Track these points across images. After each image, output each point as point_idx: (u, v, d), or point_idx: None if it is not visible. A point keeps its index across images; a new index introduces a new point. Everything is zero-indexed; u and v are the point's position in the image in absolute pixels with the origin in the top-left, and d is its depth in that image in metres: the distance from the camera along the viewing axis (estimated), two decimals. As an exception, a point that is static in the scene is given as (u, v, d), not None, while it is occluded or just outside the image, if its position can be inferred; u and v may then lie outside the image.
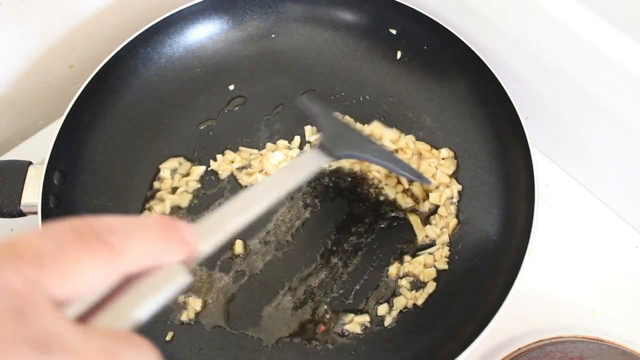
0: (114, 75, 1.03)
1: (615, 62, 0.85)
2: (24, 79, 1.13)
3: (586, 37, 0.86)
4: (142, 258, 0.39)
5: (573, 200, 1.03)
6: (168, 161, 1.00)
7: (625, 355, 0.87)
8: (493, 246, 0.90)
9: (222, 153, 1.01)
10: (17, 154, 1.13)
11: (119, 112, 1.04)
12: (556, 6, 0.88)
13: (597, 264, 0.98)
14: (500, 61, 1.00)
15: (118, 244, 0.37)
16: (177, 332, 0.88)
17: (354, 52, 1.09)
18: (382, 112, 1.04)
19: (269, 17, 1.11)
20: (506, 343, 0.91)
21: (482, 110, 0.99)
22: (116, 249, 0.37)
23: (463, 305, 0.87)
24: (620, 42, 0.84)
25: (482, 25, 1.00)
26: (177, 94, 1.07)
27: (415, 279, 0.90)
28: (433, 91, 1.04)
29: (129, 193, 0.98)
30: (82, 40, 1.16)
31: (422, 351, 0.85)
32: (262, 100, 1.06)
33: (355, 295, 0.90)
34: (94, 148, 1.00)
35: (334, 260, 0.91)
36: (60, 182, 0.94)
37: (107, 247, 0.37)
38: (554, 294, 0.95)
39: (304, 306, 0.89)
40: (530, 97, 1.00)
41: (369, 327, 0.87)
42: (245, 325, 0.88)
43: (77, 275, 0.35)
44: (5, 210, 0.90)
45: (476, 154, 0.98)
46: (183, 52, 1.09)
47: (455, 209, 0.94)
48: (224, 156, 1.00)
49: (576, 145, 1.01)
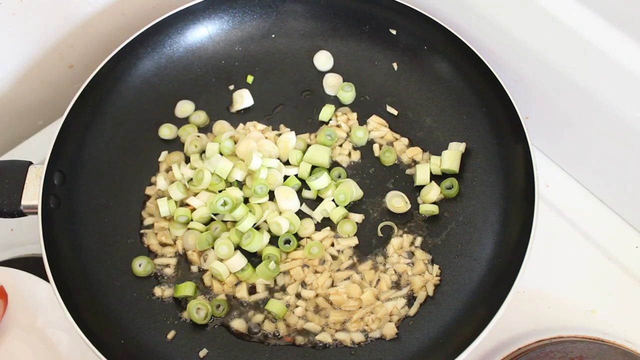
0: (114, 75, 1.03)
1: (615, 62, 0.85)
2: (24, 79, 1.13)
3: (586, 37, 0.86)
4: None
5: (573, 200, 1.03)
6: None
7: (625, 355, 0.87)
8: (493, 246, 0.90)
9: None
10: (17, 154, 1.14)
11: (119, 112, 1.04)
12: (556, 6, 0.89)
13: (597, 264, 0.98)
14: (500, 61, 1.00)
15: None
16: (178, 332, 0.88)
17: (354, 52, 1.09)
18: (382, 112, 1.04)
19: (269, 17, 1.11)
20: (506, 343, 0.91)
21: (482, 110, 0.99)
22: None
23: (463, 305, 0.87)
24: (620, 42, 0.84)
25: (482, 25, 1.00)
26: (177, 94, 1.07)
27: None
28: (433, 91, 1.04)
29: (129, 193, 0.99)
30: (82, 40, 1.16)
31: (422, 351, 0.85)
32: (263, 100, 1.06)
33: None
34: (94, 148, 1.00)
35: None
36: (60, 182, 0.94)
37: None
38: (554, 294, 0.95)
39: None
40: (530, 97, 1.00)
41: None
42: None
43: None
44: (5, 210, 0.90)
45: (476, 154, 0.98)
46: (183, 52, 1.09)
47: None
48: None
49: (576, 145, 1.01)
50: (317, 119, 1.04)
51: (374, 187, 0.98)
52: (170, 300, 0.91)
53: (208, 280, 0.91)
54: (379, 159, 1.00)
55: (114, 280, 0.91)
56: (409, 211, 0.95)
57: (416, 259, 0.91)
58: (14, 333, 0.91)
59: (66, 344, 0.91)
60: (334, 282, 0.91)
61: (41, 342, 0.91)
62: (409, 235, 0.93)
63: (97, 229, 0.95)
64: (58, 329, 0.91)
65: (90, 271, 0.91)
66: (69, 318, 0.81)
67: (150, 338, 0.87)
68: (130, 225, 0.96)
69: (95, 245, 0.93)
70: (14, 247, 1.03)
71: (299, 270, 0.91)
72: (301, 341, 0.87)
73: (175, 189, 0.95)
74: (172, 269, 0.93)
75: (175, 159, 1.01)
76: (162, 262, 0.93)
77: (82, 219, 0.94)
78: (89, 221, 0.95)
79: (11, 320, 0.91)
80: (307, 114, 1.05)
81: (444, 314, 0.87)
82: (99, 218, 0.96)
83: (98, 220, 0.95)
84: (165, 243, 0.95)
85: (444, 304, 0.88)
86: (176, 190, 0.95)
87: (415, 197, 0.96)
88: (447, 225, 0.94)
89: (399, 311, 0.88)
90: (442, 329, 0.86)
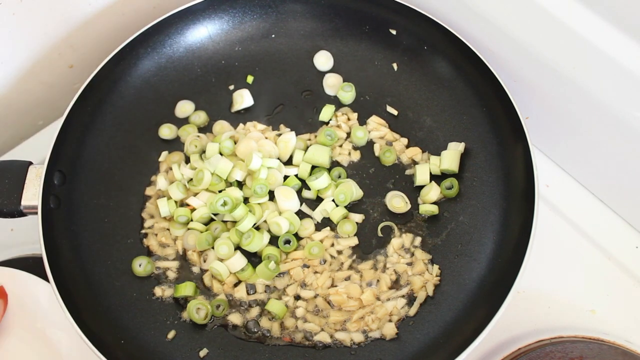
0: (114, 75, 1.03)
1: (615, 62, 0.85)
2: (24, 79, 1.13)
3: (586, 37, 0.86)
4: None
5: (573, 200, 1.03)
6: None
7: (625, 355, 0.87)
8: (493, 246, 0.90)
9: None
10: (17, 154, 1.14)
11: (119, 112, 1.04)
12: (556, 6, 0.89)
13: (597, 264, 0.98)
14: (500, 61, 1.00)
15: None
16: (178, 331, 0.88)
17: (354, 52, 1.09)
18: (382, 112, 1.04)
19: (269, 17, 1.11)
20: (506, 343, 0.91)
21: (482, 110, 0.99)
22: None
23: (463, 305, 0.87)
24: (621, 42, 0.84)
25: (482, 25, 1.00)
26: (177, 94, 1.07)
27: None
28: (433, 91, 1.04)
29: (129, 193, 0.99)
30: (82, 40, 1.16)
31: (422, 351, 0.85)
32: (263, 100, 1.06)
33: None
34: (94, 148, 1.00)
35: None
36: (60, 182, 0.94)
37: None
38: (554, 294, 0.95)
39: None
40: (530, 97, 1.00)
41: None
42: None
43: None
44: (5, 210, 0.90)
45: (476, 154, 0.98)
46: (183, 52, 1.09)
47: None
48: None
49: (576, 145, 1.01)
50: (317, 119, 1.04)
51: (374, 187, 0.98)
52: (170, 300, 0.91)
53: (208, 280, 0.91)
54: (379, 159, 1.00)
55: (114, 280, 0.91)
56: (409, 211, 0.95)
57: (416, 259, 0.91)
58: (14, 333, 0.91)
59: (66, 344, 0.91)
60: (334, 282, 0.91)
61: (41, 342, 0.91)
62: (409, 235, 0.93)
63: (97, 229, 0.95)
64: (58, 329, 0.91)
65: (90, 271, 0.91)
66: (69, 318, 0.81)
67: (150, 338, 0.87)
68: (130, 225, 0.96)
69: (95, 245, 0.93)
70: (14, 247, 1.03)
71: (299, 271, 0.91)
72: (301, 341, 0.87)
73: (175, 189, 0.95)
74: (173, 271, 0.93)
75: (175, 159, 1.01)
76: (163, 265, 0.93)
77: (82, 219, 0.94)
78: (89, 221, 0.95)
79: (11, 320, 0.91)
80: (307, 114, 1.05)
81: (444, 314, 0.87)
82: (99, 218, 0.96)
83: (98, 220, 0.95)
84: (165, 244, 0.95)
85: (444, 304, 0.88)
86: (176, 190, 0.95)
87: (415, 197, 0.96)
88: (447, 225, 0.94)
89: (399, 311, 0.88)
90: (442, 329, 0.86)
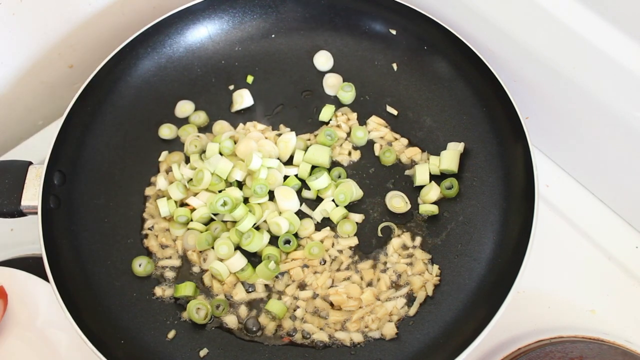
0: (114, 76, 1.03)
1: (615, 62, 0.85)
2: (24, 79, 1.13)
3: (586, 37, 0.86)
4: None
5: (573, 200, 1.03)
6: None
7: (625, 355, 0.87)
8: (493, 246, 0.90)
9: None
10: (17, 154, 1.13)
11: (119, 112, 1.04)
12: (556, 6, 0.89)
13: (597, 264, 0.97)
14: (500, 61, 1.00)
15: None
16: (178, 331, 0.88)
17: (353, 52, 1.09)
18: (382, 112, 1.04)
19: (269, 17, 1.11)
20: (506, 343, 0.91)
21: (482, 110, 0.99)
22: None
23: (463, 305, 0.87)
24: (620, 42, 0.84)
25: (482, 25, 1.00)
26: (177, 94, 1.07)
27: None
28: (433, 91, 1.04)
29: (129, 193, 0.99)
30: (82, 40, 1.16)
31: (422, 351, 0.85)
32: (263, 100, 1.06)
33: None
34: (94, 148, 1.00)
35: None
36: (60, 182, 0.94)
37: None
38: (554, 294, 0.95)
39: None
40: (530, 97, 1.00)
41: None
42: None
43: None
44: (5, 210, 0.90)
45: (476, 154, 0.98)
46: (183, 52, 1.09)
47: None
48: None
49: (576, 145, 1.01)
50: (317, 119, 1.04)
51: (374, 187, 0.98)
52: (170, 300, 0.91)
53: (208, 280, 0.91)
54: (379, 159, 1.00)
55: (114, 280, 0.91)
56: (409, 211, 0.95)
57: (416, 258, 0.91)
58: (14, 333, 0.91)
59: (66, 344, 0.91)
60: (334, 282, 0.91)
61: (41, 341, 0.91)
62: (408, 235, 0.93)
63: (97, 229, 0.95)
64: (58, 329, 0.91)
65: (90, 271, 0.91)
66: (69, 318, 0.81)
67: (150, 338, 0.87)
68: (130, 225, 0.96)
69: (95, 245, 0.93)
70: (14, 247, 1.03)
71: (298, 271, 0.91)
72: (301, 341, 0.87)
73: (175, 189, 0.95)
74: (173, 271, 0.93)
75: (175, 159, 1.01)
76: (163, 265, 0.93)
77: (82, 219, 0.94)
78: (89, 221, 0.95)
79: (11, 320, 0.91)
80: (307, 114, 1.05)
81: (444, 314, 0.87)
82: (99, 218, 0.96)
83: (98, 220, 0.95)
84: (165, 244, 0.95)
85: (444, 304, 0.88)
86: (176, 190, 0.95)
87: (415, 197, 0.96)
88: (447, 225, 0.94)
89: (398, 311, 0.88)
90: (442, 329, 0.86)
